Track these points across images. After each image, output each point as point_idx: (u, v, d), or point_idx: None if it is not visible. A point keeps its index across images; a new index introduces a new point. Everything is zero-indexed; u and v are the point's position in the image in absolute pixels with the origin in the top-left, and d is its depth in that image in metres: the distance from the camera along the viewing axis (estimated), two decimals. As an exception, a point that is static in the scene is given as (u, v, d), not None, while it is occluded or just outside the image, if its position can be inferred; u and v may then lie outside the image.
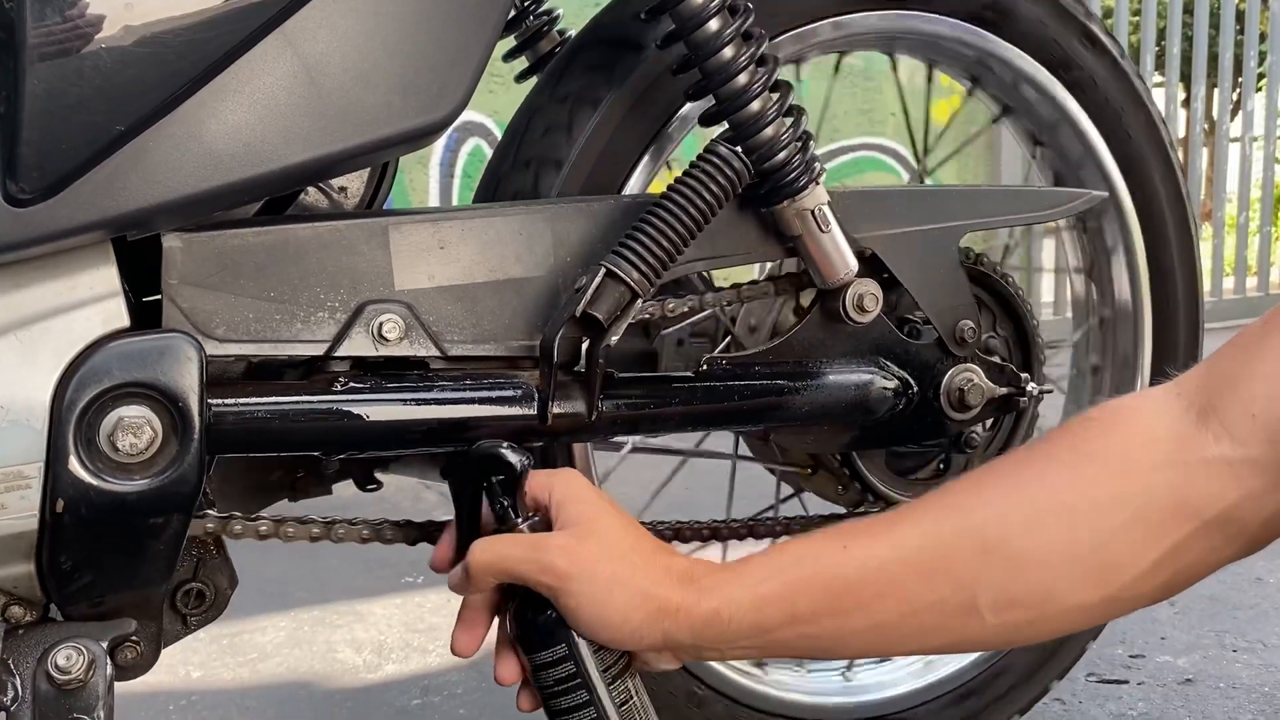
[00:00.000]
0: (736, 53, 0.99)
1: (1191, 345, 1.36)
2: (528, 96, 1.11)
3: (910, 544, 0.78)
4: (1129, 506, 0.74)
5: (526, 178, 1.04)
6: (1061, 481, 0.77)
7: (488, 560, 0.81)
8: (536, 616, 0.81)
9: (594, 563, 0.79)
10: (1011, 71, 1.23)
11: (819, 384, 1.05)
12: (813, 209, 1.02)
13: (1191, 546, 0.74)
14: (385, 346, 0.91)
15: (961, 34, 1.19)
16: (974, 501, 0.79)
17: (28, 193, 0.78)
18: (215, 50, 0.81)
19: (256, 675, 1.64)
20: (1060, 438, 0.81)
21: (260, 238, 0.89)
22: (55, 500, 0.80)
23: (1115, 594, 0.76)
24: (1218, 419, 0.73)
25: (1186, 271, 1.34)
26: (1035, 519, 0.76)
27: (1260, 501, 0.73)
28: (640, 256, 0.93)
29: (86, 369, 0.81)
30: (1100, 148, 1.27)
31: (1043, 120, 1.28)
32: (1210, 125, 6.32)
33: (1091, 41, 1.24)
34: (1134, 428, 0.77)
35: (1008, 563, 0.76)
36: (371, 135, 0.87)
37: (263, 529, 0.91)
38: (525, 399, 0.94)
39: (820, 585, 0.79)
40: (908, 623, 0.78)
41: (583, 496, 0.84)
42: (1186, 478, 0.74)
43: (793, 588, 0.79)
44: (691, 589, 0.80)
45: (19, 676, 0.83)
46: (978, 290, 1.15)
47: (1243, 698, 1.50)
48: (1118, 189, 1.29)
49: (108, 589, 0.85)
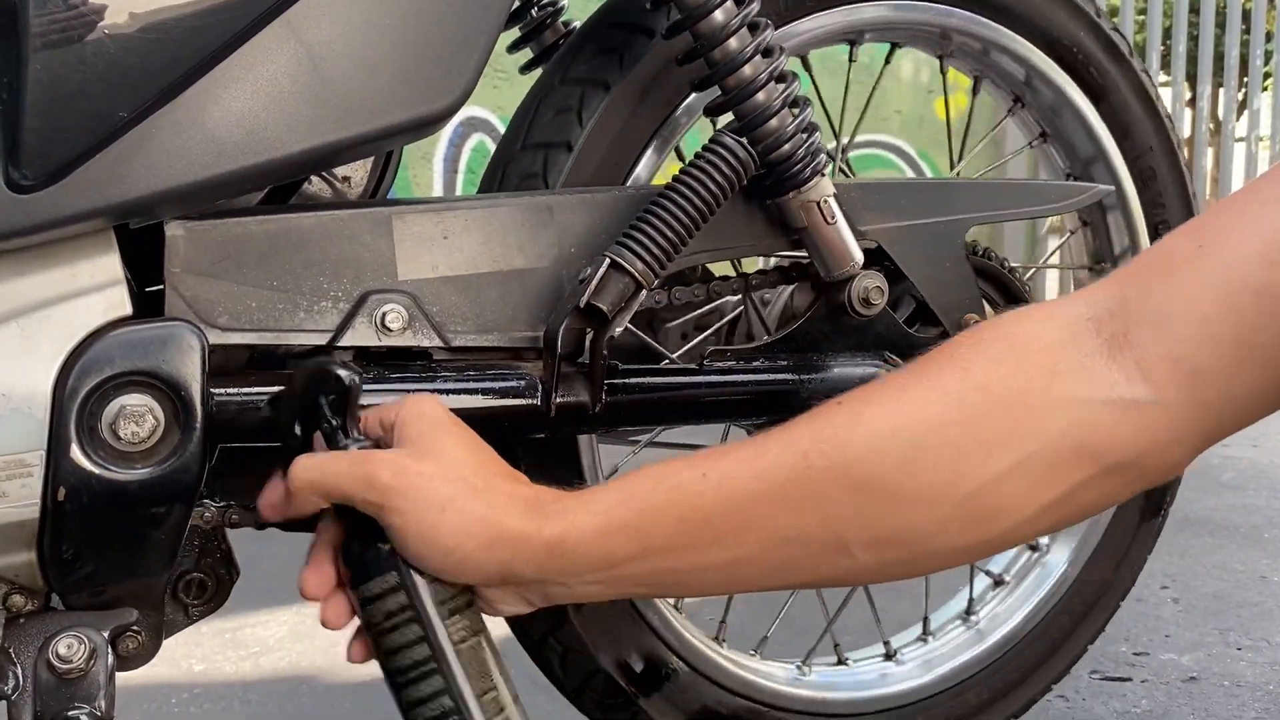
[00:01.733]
0: (742, 43, 0.98)
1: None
2: (537, 80, 1.11)
3: (777, 475, 0.70)
4: (1021, 448, 0.67)
5: (536, 160, 1.03)
6: (948, 415, 0.68)
7: (309, 477, 0.74)
8: (364, 543, 0.74)
9: (426, 480, 0.71)
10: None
11: (824, 377, 1.05)
12: (818, 201, 1.01)
13: (1086, 491, 0.67)
14: (388, 336, 0.91)
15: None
16: (849, 434, 0.70)
17: (30, 179, 0.77)
18: (218, 37, 0.81)
19: (258, 669, 1.64)
20: (947, 362, 0.71)
21: (263, 226, 0.89)
22: (57, 488, 0.80)
23: (996, 536, 0.69)
24: (1132, 355, 0.65)
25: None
26: (913, 455, 0.68)
27: (1166, 451, 0.67)
28: (645, 247, 0.93)
29: (88, 357, 0.81)
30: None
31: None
32: (1216, 125, 6.31)
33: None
34: (1031, 353, 0.68)
35: (881, 502, 0.68)
36: (375, 124, 0.86)
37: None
38: (529, 390, 0.94)
39: (676, 515, 0.71)
40: (769, 556, 0.71)
41: (427, 415, 0.76)
42: (1089, 419, 0.66)
43: (646, 516, 0.71)
44: (535, 516, 0.72)
45: (20, 665, 0.83)
46: (983, 284, 1.15)
47: (1247, 695, 1.49)
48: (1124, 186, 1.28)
49: (109, 578, 0.85)
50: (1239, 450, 2.87)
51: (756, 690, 1.17)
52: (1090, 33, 1.22)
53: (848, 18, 1.12)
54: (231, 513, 0.90)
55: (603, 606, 1.07)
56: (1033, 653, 1.29)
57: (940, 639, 1.29)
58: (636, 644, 1.10)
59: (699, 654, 1.14)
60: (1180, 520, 2.26)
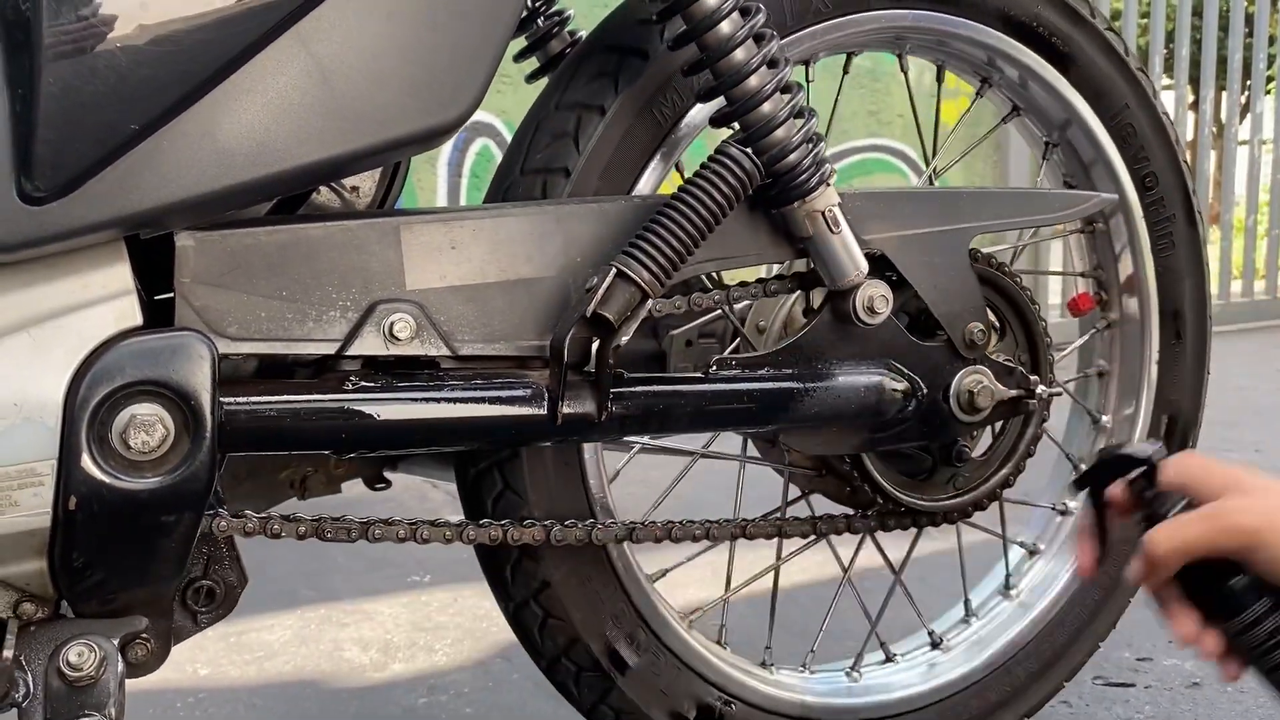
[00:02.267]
0: (749, 54, 0.99)
1: (1199, 348, 1.36)
2: (533, 105, 1.11)
3: None
4: None
5: (534, 186, 1.04)
6: None
7: (1172, 545, 0.82)
8: (1228, 582, 0.83)
9: (1275, 513, 0.80)
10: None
11: (828, 386, 1.05)
12: (823, 210, 1.02)
13: None
14: (396, 346, 0.92)
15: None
16: None
17: (42, 191, 0.78)
18: (229, 50, 0.82)
19: (263, 673, 1.65)
20: None
21: (272, 237, 0.89)
22: (68, 497, 0.81)
23: None
24: None
25: (1195, 274, 1.35)
26: None
27: None
28: (651, 257, 0.94)
29: (99, 367, 0.81)
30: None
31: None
32: (1219, 128, 6.31)
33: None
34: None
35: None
36: (384, 135, 0.87)
37: (302, 530, 0.93)
38: (535, 399, 0.94)
39: None
40: None
41: (1215, 466, 0.85)
42: None
43: None
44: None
45: (30, 673, 0.84)
46: (987, 292, 1.15)
47: (1250, 701, 1.49)
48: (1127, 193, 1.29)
49: (119, 586, 0.85)
50: (1243, 456, 2.87)
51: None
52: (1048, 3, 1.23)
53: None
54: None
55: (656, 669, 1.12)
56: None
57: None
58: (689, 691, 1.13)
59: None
60: (1183, 525, 2.25)
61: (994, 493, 1.19)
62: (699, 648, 1.15)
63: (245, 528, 0.91)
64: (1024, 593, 1.34)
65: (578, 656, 1.10)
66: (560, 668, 1.11)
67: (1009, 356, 1.17)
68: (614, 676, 1.10)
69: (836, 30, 1.13)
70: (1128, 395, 1.36)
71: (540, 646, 1.11)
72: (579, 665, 1.10)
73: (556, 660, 1.11)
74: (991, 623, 1.33)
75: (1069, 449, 1.39)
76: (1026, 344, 1.20)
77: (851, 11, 1.14)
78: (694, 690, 1.14)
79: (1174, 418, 1.36)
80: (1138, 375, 1.35)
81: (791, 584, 1.61)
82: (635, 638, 1.11)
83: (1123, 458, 0.89)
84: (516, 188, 1.05)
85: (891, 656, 1.29)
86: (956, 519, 1.19)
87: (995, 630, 1.32)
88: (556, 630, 1.09)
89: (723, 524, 1.10)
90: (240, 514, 0.91)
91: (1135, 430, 1.34)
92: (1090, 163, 1.29)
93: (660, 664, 1.12)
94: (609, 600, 1.09)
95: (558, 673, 1.12)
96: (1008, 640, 1.31)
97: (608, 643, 1.10)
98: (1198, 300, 1.35)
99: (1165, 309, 1.34)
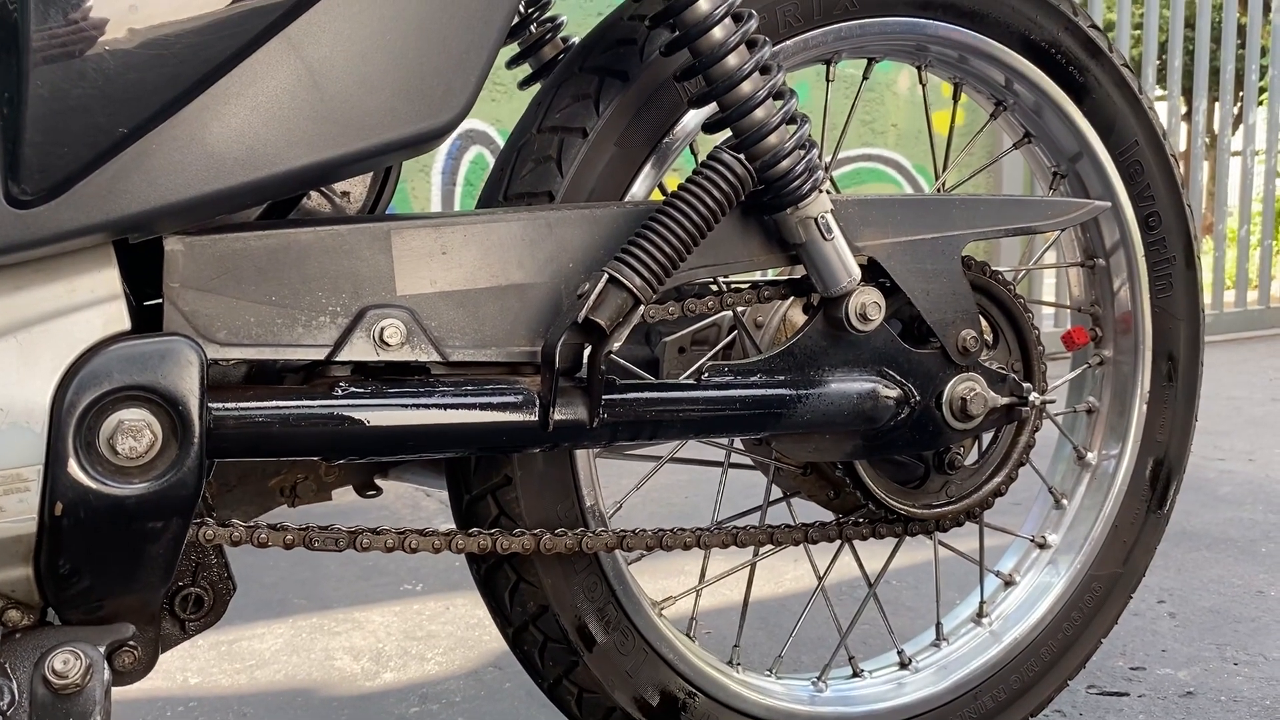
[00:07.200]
0: (741, 60, 0.99)
1: (1189, 392, 1.36)
2: (518, 124, 1.10)
3: None
4: None
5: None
6: None
7: None
8: None
9: None
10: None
11: (820, 392, 1.05)
12: (816, 216, 1.02)
13: None
14: (386, 351, 0.91)
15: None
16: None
17: (29, 194, 0.78)
18: (218, 54, 0.81)
19: (254, 682, 1.64)
20: None
21: (262, 241, 0.89)
22: (54, 503, 0.80)
23: None
24: None
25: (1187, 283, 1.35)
26: None
27: None
28: (643, 263, 0.93)
29: (87, 372, 0.81)
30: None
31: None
32: (1211, 139, 6.33)
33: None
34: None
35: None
36: (374, 140, 0.87)
37: (289, 539, 0.91)
38: (526, 405, 0.94)
39: None
40: None
41: None
42: None
43: None
44: None
45: (16, 681, 0.83)
46: (980, 299, 1.15)
47: (1244, 711, 1.49)
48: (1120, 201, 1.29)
49: (106, 593, 0.84)
50: (1235, 464, 2.87)
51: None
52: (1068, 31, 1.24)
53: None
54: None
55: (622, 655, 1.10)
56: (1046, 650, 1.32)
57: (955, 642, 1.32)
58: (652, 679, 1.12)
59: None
60: (1177, 534, 2.26)
61: (986, 501, 1.19)
62: (668, 634, 1.14)
63: (232, 536, 0.90)
64: (996, 621, 1.33)
65: (546, 625, 1.09)
66: (527, 636, 1.10)
67: (1002, 364, 1.17)
68: (580, 651, 1.09)
69: (861, 31, 1.14)
70: (1115, 434, 1.36)
71: (509, 612, 1.10)
72: (546, 635, 1.09)
73: (524, 628, 1.10)
74: (962, 649, 1.32)
75: (1052, 482, 1.39)
76: (1019, 352, 1.20)
77: (877, 14, 1.15)
78: (659, 677, 1.13)
79: (1159, 461, 1.36)
80: (1126, 414, 1.35)
81: (784, 591, 1.61)
82: (606, 614, 1.10)
83: None
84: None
85: (859, 672, 1.28)
86: (948, 526, 1.19)
87: (965, 656, 1.31)
88: (528, 595, 1.08)
89: (714, 531, 1.10)
90: (227, 522, 0.91)
91: (1119, 469, 1.34)
92: (1096, 198, 1.29)
93: (628, 644, 1.11)
94: (582, 570, 1.09)
95: (523, 642, 1.11)
96: (977, 667, 1.30)
97: (578, 615, 1.09)
98: (1192, 344, 1.35)
99: (1159, 350, 1.34)
